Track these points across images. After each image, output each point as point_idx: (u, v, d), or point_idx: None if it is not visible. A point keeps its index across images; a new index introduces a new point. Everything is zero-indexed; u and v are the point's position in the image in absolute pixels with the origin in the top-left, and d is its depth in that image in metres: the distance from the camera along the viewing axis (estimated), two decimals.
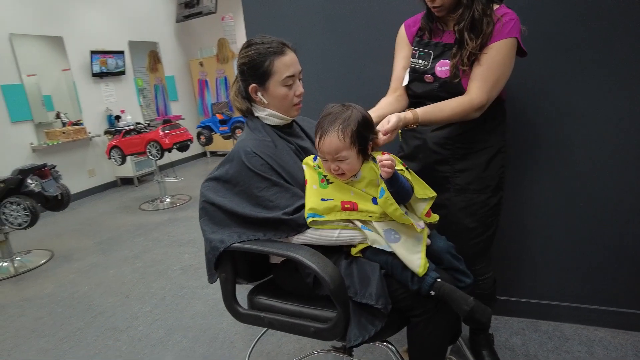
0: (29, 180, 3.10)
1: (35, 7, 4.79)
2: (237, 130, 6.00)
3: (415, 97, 1.45)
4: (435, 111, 1.26)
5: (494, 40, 1.25)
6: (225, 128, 6.12)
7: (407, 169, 1.16)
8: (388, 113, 1.26)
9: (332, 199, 1.11)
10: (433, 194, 1.19)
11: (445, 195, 1.45)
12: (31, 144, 4.73)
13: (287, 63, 1.20)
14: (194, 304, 2.40)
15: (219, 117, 6.20)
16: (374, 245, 1.11)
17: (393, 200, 1.05)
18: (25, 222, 3.06)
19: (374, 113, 1.31)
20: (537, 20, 1.61)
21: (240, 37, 6.84)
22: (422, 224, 1.15)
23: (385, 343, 1.26)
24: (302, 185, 1.17)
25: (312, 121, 1.45)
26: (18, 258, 3.31)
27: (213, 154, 7.47)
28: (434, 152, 1.44)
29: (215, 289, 2.51)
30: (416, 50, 1.40)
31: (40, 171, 3.20)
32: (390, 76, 1.51)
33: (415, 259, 1.08)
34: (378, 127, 1.17)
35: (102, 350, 2.05)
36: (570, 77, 1.65)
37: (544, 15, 1.62)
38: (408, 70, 1.43)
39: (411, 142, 1.51)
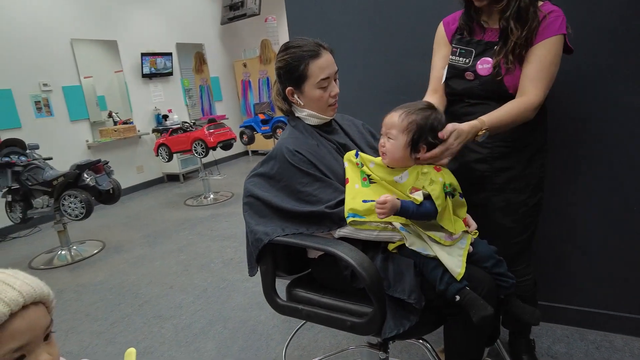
0: (85, 175, 3.31)
1: (93, 13, 5.11)
2: (278, 130, 6.12)
3: (454, 94, 1.43)
4: (499, 116, 1.22)
5: (544, 37, 1.22)
6: (266, 128, 6.26)
7: (449, 193, 1.12)
8: None
9: (374, 201, 1.11)
10: (462, 228, 1.15)
11: (484, 194, 1.42)
12: (87, 141, 5.05)
13: (322, 66, 1.22)
14: (235, 297, 2.48)
15: (261, 117, 6.35)
16: (411, 247, 1.11)
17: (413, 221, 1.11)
18: (82, 213, 3.28)
19: None
20: (585, 16, 1.55)
21: (282, 38, 6.95)
22: (455, 236, 1.13)
23: (421, 341, 1.26)
24: (343, 182, 1.19)
25: (351, 118, 1.47)
26: (74, 247, 3.55)
27: (255, 152, 7.64)
28: (472, 151, 1.41)
29: (255, 283, 2.58)
30: (457, 48, 1.38)
31: (95, 166, 3.41)
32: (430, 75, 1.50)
33: (457, 262, 1.07)
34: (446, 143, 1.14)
35: (149, 336, 2.16)
36: (620, 73, 1.57)
37: (594, 9, 1.55)
38: (446, 67, 1.42)
39: None
